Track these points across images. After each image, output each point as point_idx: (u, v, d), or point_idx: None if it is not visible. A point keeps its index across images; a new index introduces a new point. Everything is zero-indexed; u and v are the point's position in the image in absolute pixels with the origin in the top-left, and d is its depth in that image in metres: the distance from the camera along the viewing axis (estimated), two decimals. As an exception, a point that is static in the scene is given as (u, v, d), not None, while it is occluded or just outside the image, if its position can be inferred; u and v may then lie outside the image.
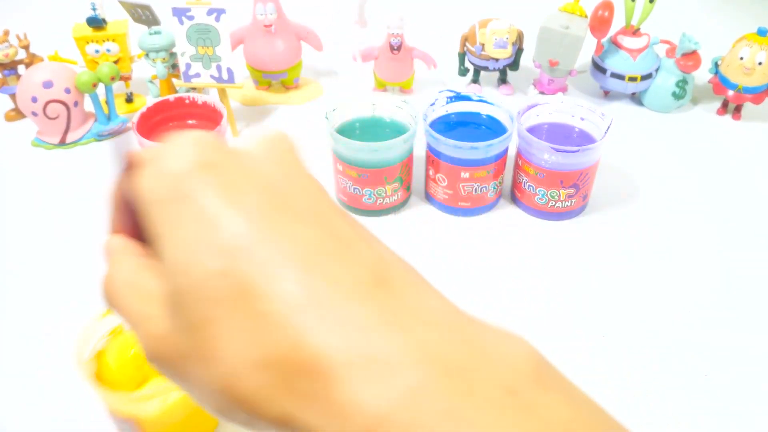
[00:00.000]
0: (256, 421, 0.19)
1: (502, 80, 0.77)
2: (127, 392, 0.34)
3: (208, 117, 0.59)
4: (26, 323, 0.48)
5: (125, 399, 0.34)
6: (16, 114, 0.71)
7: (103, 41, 0.69)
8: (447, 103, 0.59)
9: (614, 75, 0.71)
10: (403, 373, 0.17)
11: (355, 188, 0.56)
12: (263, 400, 0.18)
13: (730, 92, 0.69)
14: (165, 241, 0.20)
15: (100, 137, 0.68)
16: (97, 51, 0.69)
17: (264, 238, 0.19)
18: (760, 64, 0.66)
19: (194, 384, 0.20)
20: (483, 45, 0.71)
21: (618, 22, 0.71)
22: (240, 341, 0.18)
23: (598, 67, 0.73)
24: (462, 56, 0.75)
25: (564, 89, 0.75)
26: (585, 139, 0.57)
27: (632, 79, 0.71)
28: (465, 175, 0.55)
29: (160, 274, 0.20)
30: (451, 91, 0.59)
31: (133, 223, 0.23)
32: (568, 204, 0.56)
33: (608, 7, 0.68)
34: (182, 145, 0.21)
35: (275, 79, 0.74)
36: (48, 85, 0.63)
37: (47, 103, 0.63)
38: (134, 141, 0.57)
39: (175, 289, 0.19)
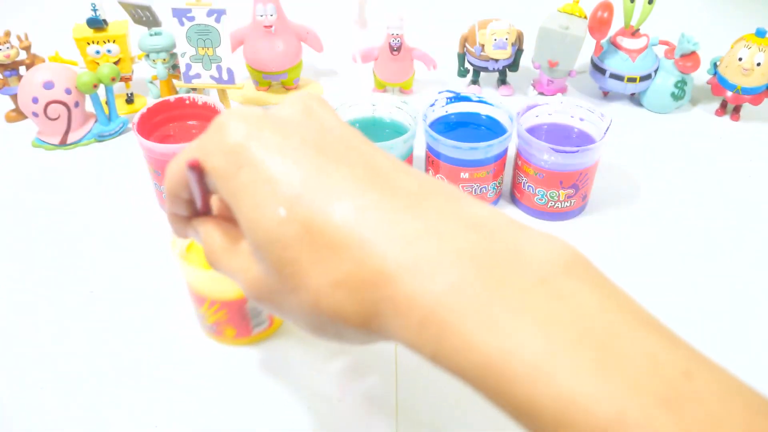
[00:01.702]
0: (344, 331, 0.23)
1: (502, 81, 0.77)
2: (210, 272, 0.41)
3: (208, 117, 0.60)
4: (26, 323, 0.48)
5: (208, 277, 0.42)
6: (17, 114, 0.71)
7: (104, 42, 0.69)
8: (447, 103, 0.59)
9: (613, 76, 0.72)
10: (444, 272, 0.20)
11: (355, 189, 0.56)
12: (344, 312, 0.22)
13: (729, 93, 0.69)
14: (236, 207, 0.24)
15: (101, 138, 0.68)
16: (97, 52, 0.69)
17: (314, 183, 0.22)
18: (758, 64, 0.66)
19: (288, 312, 0.24)
20: (482, 46, 0.71)
21: (617, 23, 0.71)
22: (315, 270, 0.22)
23: (597, 68, 0.73)
24: (461, 57, 0.75)
25: (563, 90, 0.75)
26: (584, 139, 0.57)
27: (631, 79, 0.71)
28: (465, 175, 0.55)
29: (241, 235, 0.26)
30: (450, 91, 0.59)
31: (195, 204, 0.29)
32: (568, 204, 0.56)
33: (607, 7, 0.69)
34: (230, 122, 0.24)
35: (275, 79, 0.75)
36: (49, 85, 0.63)
37: (48, 103, 0.63)
38: (135, 141, 0.57)
39: (254, 243, 0.23)
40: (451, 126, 0.59)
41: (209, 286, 0.43)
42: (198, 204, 0.28)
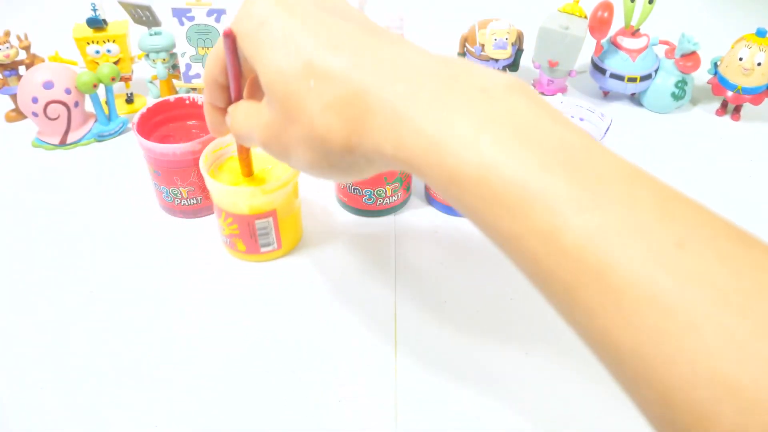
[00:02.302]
0: (332, 156, 0.29)
1: (502, 81, 0.77)
2: (228, 186, 0.48)
3: (208, 117, 0.59)
4: (26, 323, 0.48)
5: (225, 191, 0.48)
6: (17, 114, 0.71)
7: (104, 42, 0.69)
8: (447, 103, 0.59)
9: (613, 75, 0.72)
10: (407, 83, 0.26)
11: (354, 188, 0.56)
12: (332, 130, 0.28)
13: (729, 93, 0.69)
14: (257, 59, 0.30)
15: (101, 138, 0.68)
16: (97, 52, 0.69)
17: (318, 31, 0.28)
18: (759, 64, 0.66)
19: (290, 147, 0.30)
20: (483, 45, 0.71)
21: (617, 23, 0.71)
22: (311, 98, 0.28)
23: (597, 68, 0.73)
24: (462, 57, 0.75)
25: (563, 90, 0.75)
26: (584, 139, 0.57)
27: (631, 79, 0.71)
28: (465, 175, 0.55)
29: (260, 94, 0.33)
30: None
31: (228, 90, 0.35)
32: (568, 204, 0.56)
33: (608, 7, 0.69)
34: None
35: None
36: (48, 85, 0.63)
37: (48, 103, 0.63)
38: (135, 141, 0.57)
39: (268, 85, 0.29)
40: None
41: (225, 199, 0.49)
42: (231, 78, 0.34)
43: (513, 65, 0.74)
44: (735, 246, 0.21)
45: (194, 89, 0.69)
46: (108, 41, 0.69)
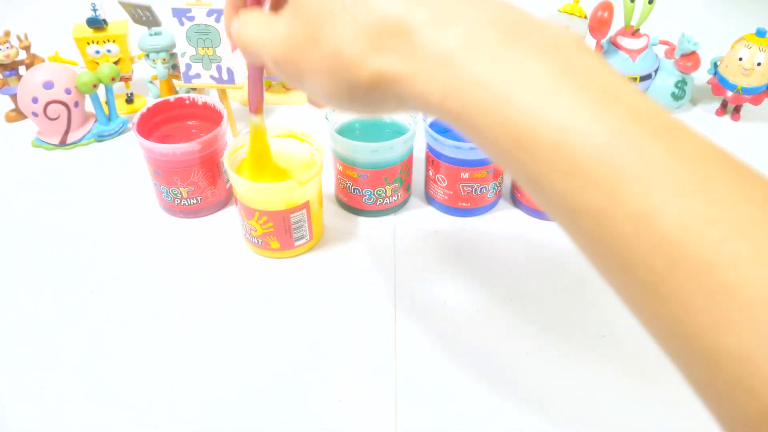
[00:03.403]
0: (355, 89, 0.25)
1: (502, 81, 0.77)
2: (260, 184, 0.48)
3: (208, 117, 0.60)
4: (26, 323, 0.48)
5: (258, 189, 0.48)
6: (17, 114, 0.71)
7: (104, 42, 0.69)
8: (447, 103, 0.59)
9: (613, 75, 0.72)
10: (462, 28, 0.22)
11: (355, 188, 0.56)
12: (361, 62, 0.24)
13: (729, 93, 0.69)
14: None
15: (101, 138, 0.68)
16: (97, 52, 0.69)
17: None
18: (758, 64, 0.66)
19: (307, 71, 0.26)
20: (483, 46, 0.71)
21: (617, 23, 0.71)
22: (345, 18, 0.24)
23: (597, 68, 0.73)
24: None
25: (563, 90, 0.75)
26: (584, 139, 0.57)
27: (632, 79, 0.71)
28: (465, 175, 0.55)
29: (277, 17, 0.28)
30: (450, 91, 0.59)
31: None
32: (568, 204, 0.56)
33: (607, 7, 0.69)
34: None
35: (275, 79, 0.75)
36: (48, 85, 0.63)
37: (48, 103, 0.63)
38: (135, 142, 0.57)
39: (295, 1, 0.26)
40: (451, 126, 0.59)
41: (258, 196, 0.49)
42: None
43: (513, 65, 0.74)
44: None
45: (194, 89, 0.69)
46: (108, 41, 0.69)
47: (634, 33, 0.71)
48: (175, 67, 0.71)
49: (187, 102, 0.59)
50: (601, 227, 0.20)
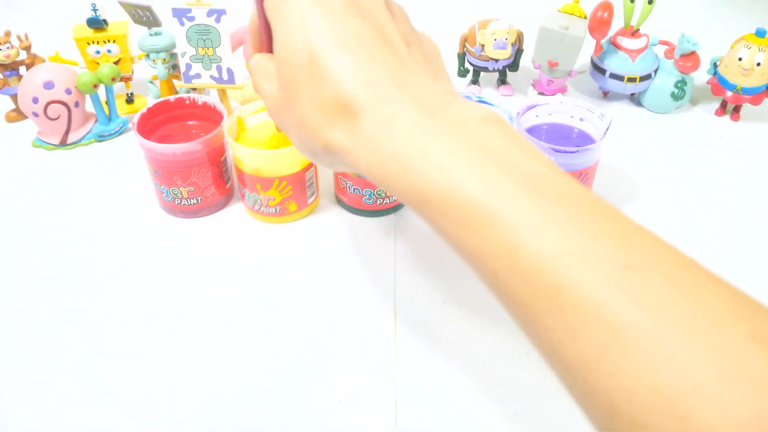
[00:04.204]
0: (316, 150, 0.30)
1: (502, 81, 0.77)
2: (277, 151, 0.52)
3: (208, 117, 0.60)
4: (26, 323, 0.48)
5: (277, 155, 0.52)
6: (17, 115, 0.71)
7: (104, 42, 0.69)
8: (447, 103, 0.59)
9: (613, 76, 0.72)
10: (389, 108, 0.27)
11: (355, 188, 0.56)
12: (317, 132, 0.29)
13: (729, 93, 0.69)
14: (275, 29, 0.31)
15: (101, 138, 0.68)
16: (97, 52, 0.69)
17: (334, 28, 0.29)
18: (758, 64, 0.66)
19: (288, 126, 0.32)
20: (482, 46, 0.71)
21: (617, 23, 0.71)
22: (307, 93, 0.29)
23: (597, 68, 0.73)
24: (461, 57, 0.75)
25: (563, 90, 0.75)
26: (584, 139, 0.57)
27: (631, 79, 0.71)
28: (465, 175, 0.55)
29: (274, 60, 0.32)
30: (450, 91, 0.59)
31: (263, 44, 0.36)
32: (568, 204, 0.56)
33: (607, 7, 0.69)
34: None
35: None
36: (49, 85, 0.63)
37: (48, 103, 0.63)
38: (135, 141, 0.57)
39: (278, 61, 0.30)
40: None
41: (282, 162, 0.52)
42: (261, 28, 0.35)
43: (513, 65, 0.74)
44: (681, 270, 0.22)
45: (194, 89, 0.69)
46: (108, 41, 0.69)
47: (634, 33, 0.71)
48: (175, 67, 0.71)
49: (187, 102, 0.59)
50: (482, 266, 0.25)
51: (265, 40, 0.35)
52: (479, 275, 0.26)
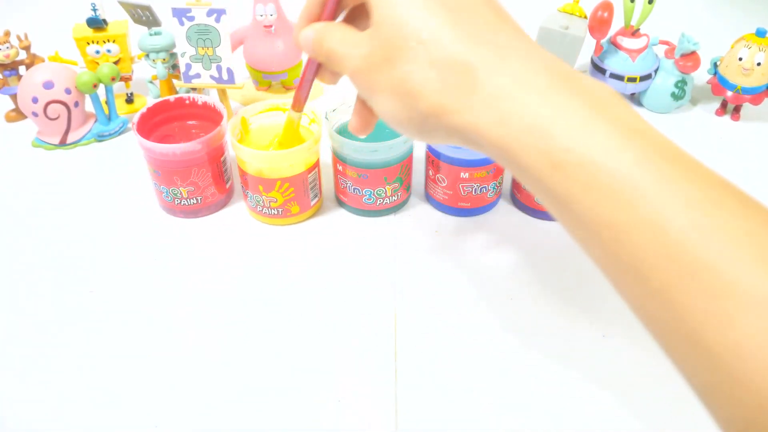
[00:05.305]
0: (414, 117, 0.28)
1: (502, 81, 0.77)
2: (279, 152, 0.51)
3: (208, 117, 0.60)
4: (26, 323, 0.48)
5: (279, 157, 0.52)
6: (17, 114, 0.71)
7: (104, 42, 0.69)
8: (447, 103, 0.59)
9: (613, 75, 0.72)
10: (518, 67, 0.26)
11: (355, 188, 0.56)
12: (424, 92, 0.27)
13: (729, 93, 0.69)
14: None
15: (101, 138, 0.68)
16: (97, 51, 0.69)
17: None
18: (758, 64, 0.66)
19: (378, 89, 0.30)
20: (482, 46, 0.71)
21: (617, 23, 0.71)
22: (424, 47, 0.27)
23: (597, 68, 0.73)
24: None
25: (563, 90, 0.75)
26: (584, 139, 0.57)
27: (631, 79, 0.71)
28: (465, 175, 0.55)
29: (360, 25, 0.32)
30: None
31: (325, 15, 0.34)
32: (568, 204, 0.56)
33: (608, 7, 0.69)
34: None
35: (275, 79, 0.75)
36: (48, 85, 0.63)
37: (48, 103, 0.63)
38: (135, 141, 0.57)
39: (383, 19, 0.28)
40: (451, 126, 0.59)
41: (284, 163, 0.52)
42: (329, 4, 0.34)
43: (513, 65, 0.74)
44: None
45: (194, 89, 0.69)
46: (108, 41, 0.69)
47: (634, 33, 0.71)
48: (175, 67, 0.71)
49: (187, 102, 0.59)
50: (619, 237, 0.23)
51: (332, 6, 0.34)
52: (606, 250, 0.24)
